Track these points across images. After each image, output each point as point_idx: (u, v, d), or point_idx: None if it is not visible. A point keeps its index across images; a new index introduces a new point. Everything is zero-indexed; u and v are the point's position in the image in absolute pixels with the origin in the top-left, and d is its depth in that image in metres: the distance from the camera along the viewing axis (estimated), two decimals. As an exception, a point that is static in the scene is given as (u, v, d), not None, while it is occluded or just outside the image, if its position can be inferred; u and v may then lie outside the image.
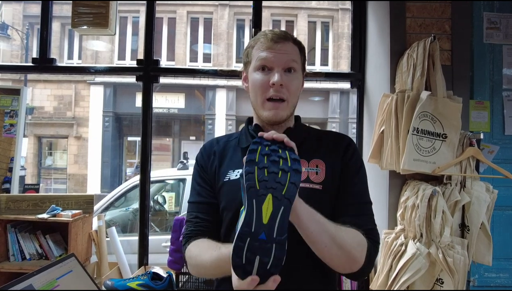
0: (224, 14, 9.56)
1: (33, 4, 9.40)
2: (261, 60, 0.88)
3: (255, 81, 0.90)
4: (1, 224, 1.84)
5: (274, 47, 0.88)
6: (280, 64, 0.87)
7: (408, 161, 1.46)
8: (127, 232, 3.21)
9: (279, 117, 0.89)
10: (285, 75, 0.87)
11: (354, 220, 0.83)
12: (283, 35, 0.90)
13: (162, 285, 1.66)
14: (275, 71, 0.87)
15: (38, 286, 1.06)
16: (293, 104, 0.92)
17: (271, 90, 0.87)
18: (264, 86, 0.88)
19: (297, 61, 0.90)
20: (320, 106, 9.65)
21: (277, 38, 0.88)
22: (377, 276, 1.58)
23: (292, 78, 0.89)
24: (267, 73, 0.88)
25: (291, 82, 0.88)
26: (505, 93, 1.82)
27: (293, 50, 0.90)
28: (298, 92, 0.92)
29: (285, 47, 0.88)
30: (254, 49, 0.91)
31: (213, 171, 0.95)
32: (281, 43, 0.88)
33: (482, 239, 1.49)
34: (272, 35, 0.89)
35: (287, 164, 0.68)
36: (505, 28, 1.83)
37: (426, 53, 1.50)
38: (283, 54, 0.88)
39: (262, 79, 0.88)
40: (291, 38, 0.91)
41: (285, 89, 0.87)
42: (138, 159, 9.93)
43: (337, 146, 0.92)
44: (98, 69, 2.15)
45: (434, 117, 1.50)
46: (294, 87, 0.89)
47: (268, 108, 0.88)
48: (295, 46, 0.91)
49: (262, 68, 0.89)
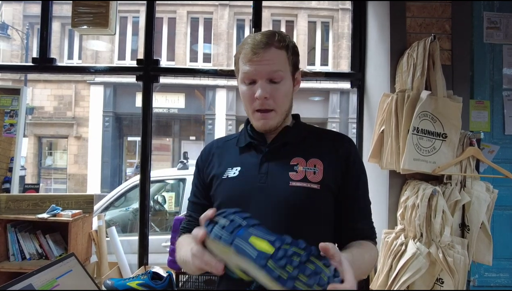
0: (224, 14, 9.57)
1: (33, 4, 9.41)
2: (244, 74, 0.87)
3: (242, 93, 0.90)
4: (1, 223, 1.83)
5: (255, 58, 0.85)
6: (263, 76, 0.85)
7: (408, 160, 1.46)
8: (127, 231, 3.21)
9: (269, 126, 0.89)
10: (269, 85, 0.86)
11: (363, 226, 0.90)
12: (264, 42, 0.85)
13: (162, 285, 1.66)
14: (258, 84, 0.86)
15: (38, 286, 1.06)
16: (283, 110, 0.90)
17: (258, 102, 0.86)
18: (251, 98, 0.87)
19: (281, 69, 0.87)
20: (320, 106, 9.65)
21: (257, 49, 0.84)
22: (377, 276, 1.58)
23: (277, 88, 0.86)
24: (252, 86, 0.87)
25: (276, 92, 0.86)
26: (505, 93, 1.82)
27: (276, 57, 0.86)
28: (287, 98, 0.90)
29: (267, 56, 0.85)
30: (240, 59, 0.89)
31: (210, 171, 0.96)
32: (261, 53, 0.84)
33: (482, 239, 1.49)
34: (252, 45, 0.85)
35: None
36: (505, 28, 1.83)
37: (426, 53, 1.50)
38: (265, 65, 0.85)
39: (248, 92, 0.88)
40: (274, 42, 0.86)
41: (271, 101, 0.86)
42: (138, 158, 9.93)
43: (337, 146, 0.91)
44: (98, 69, 2.15)
45: (434, 117, 1.50)
46: (280, 96, 0.87)
47: (257, 118, 0.89)
48: (280, 50, 0.87)
49: (246, 81, 0.88)
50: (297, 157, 0.88)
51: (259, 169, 0.88)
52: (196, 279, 1.73)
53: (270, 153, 0.90)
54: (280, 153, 0.90)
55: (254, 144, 0.93)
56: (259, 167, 0.88)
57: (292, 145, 0.91)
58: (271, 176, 0.86)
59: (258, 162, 0.89)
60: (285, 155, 0.89)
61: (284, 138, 0.91)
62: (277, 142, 0.91)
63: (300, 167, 0.86)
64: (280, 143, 0.91)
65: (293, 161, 0.87)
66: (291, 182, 0.84)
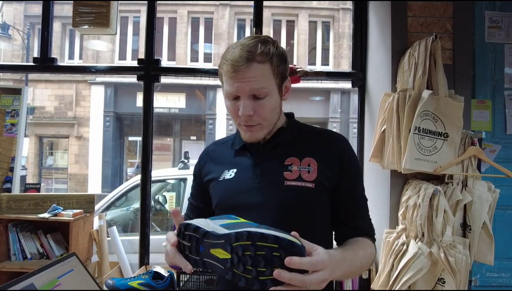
0: (225, 14, 9.57)
1: (34, 4, 9.42)
2: (227, 91, 0.85)
3: (227, 108, 0.89)
4: (3, 223, 1.84)
5: (236, 76, 0.81)
6: (245, 93, 0.82)
7: (410, 160, 1.46)
8: (128, 231, 3.21)
9: (255, 138, 0.89)
10: (253, 102, 0.83)
11: (361, 223, 0.91)
12: (244, 57, 0.80)
13: (163, 285, 1.66)
14: (241, 101, 0.83)
15: (39, 285, 1.06)
16: (271, 123, 0.89)
17: (242, 118, 0.85)
18: (236, 114, 0.86)
19: (265, 85, 0.83)
20: (321, 106, 9.64)
21: (237, 66, 0.80)
22: (379, 275, 1.58)
23: (262, 104, 0.84)
24: (236, 101, 0.85)
25: (260, 108, 0.84)
26: (507, 92, 1.81)
27: (259, 73, 0.82)
28: (274, 111, 0.88)
29: (249, 73, 0.81)
30: (222, 74, 0.86)
31: (208, 174, 0.97)
32: (242, 70, 0.80)
33: (484, 239, 1.48)
34: (232, 62, 0.81)
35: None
36: (507, 27, 1.82)
37: (428, 52, 1.50)
38: (247, 82, 0.81)
39: (232, 108, 0.86)
40: (256, 57, 0.81)
41: (255, 117, 0.84)
42: (138, 158, 9.94)
43: (331, 145, 0.91)
44: (99, 69, 2.15)
45: (435, 116, 1.49)
46: (265, 112, 0.85)
47: (244, 131, 0.89)
48: (263, 64, 0.82)
49: (230, 97, 0.86)
50: (291, 156, 0.88)
51: (254, 169, 0.88)
52: (197, 279, 1.73)
53: (264, 154, 0.90)
54: (274, 153, 0.90)
55: (249, 146, 0.93)
56: (254, 168, 0.89)
57: (286, 145, 0.91)
58: (266, 176, 0.87)
59: (253, 163, 0.90)
60: (280, 155, 0.89)
61: (278, 139, 0.92)
62: (271, 143, 0.92)
63: (294, 167, 0.86)
64: (274, 143, 0.91)
65: (287, 160, 0.87)
66: (286, 182, 0.84)
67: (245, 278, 0.62)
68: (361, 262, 0.82)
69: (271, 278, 0.59)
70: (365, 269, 0.87)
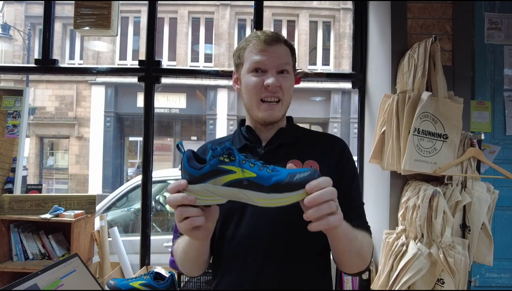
0: (225, 14, 9.57)
1: (34, 5, 9.43)
2: (255, 63, 0.89)
3: (249, 83, 0.90)
4: (4, 224, 1.85)
5: (267, 49, 0.88)
6: (274, 67, 0.88)
7: (409, 161, 1.46)
8: (128, 232, 3.22)
9: (275, 117, 0.91)
10: (279, 76, 0.89)
11: (357, 223, 0.88)
12: (276, 37, 0.90)
13: (165, 285, 1.67)
14: (270, 73, 0.88)
15: (42, 285, 1.07)
16: (287, 104, 0.94)
17: (266, 91, 0.88)
18: (258, 87, 0.89)
19: (289, 63, 0.92)
20: (321, 106, 9.64)
21: (270, 40, 0.89)
22: (378, 276, 1.59)
23: (286, 80, 0.90)
24: (260, 75, 0.89)
25: (285, 83, 0.90)
26: (506, 94, 1.82)
27: (285, 52, 0.91)
28: (291, 92, 0.94)
29: (278, 50, 0.90)
30: (246, 51, 0.91)
31: None
32: (274, 45, 0.89)
33: (483, 239, 1.49)
34: (265, 37, 0.90)
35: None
36: (506, 28, 1.83)
37: (427, 54, 1.50)
38: (277, 56, 0.89)
39: (256, 81, 0.89)
40: (283, 40, 0.92)
41: (279, 90, 0.89)
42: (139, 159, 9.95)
43: (332, 149, 0.93)
44: (100, 70, 2.16)
45: (435, 117, 1.50)
46: (288, 88, 0.91)
47: (264, 109, 0.90)
48: (287, 48, 0.92)
49: (255, 70, 0.90)
50: (293, 158, 0.89)
51: None
52: (198, 280, 1.74)
53: (266, 155, 0.91)
54: (276, 154, 0.91)
55: (250, 146, 0.94)
56: None
57: (288, 147, 0.92)
58: None
59: None
60: (281, 157, 0.90)
61: (279, 140, 0.93)
62: (272, 144, 0.93)
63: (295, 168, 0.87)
64: (276, 145, 0.92)
65: (289, 163, 0.88)
66: None
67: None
68: (361, 241, 0.82)
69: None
70: (364, 253, 0.83)
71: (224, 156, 0.65)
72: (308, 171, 0.65)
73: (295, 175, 0.65)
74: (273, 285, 0.83)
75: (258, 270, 0.84)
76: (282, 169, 0.67)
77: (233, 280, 0.86)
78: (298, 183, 0.64)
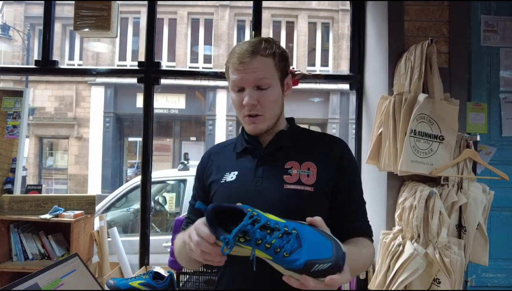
0: (225, 15, 9.59)
1: (34, 5, 9.44)
2: (233, 82, 0.91)
3: (232, 101, 0.94)
4: (4, 224, 1.86)
5: (241, 67, 0.88)
6: (250, 84, 0.89)
7: (406, 162, 1.48)
8: (128, 232, 3.23)
9: (259, 130, 0.93)
10: (257, 92, 0.89)
11: (360, 224, 0.92)
12: (250, 50, 0.88)
13: (164, 285, 1.68)
14: (246, 91, 0.89)
15: (43, 285, 1.08)
16: (273, 115, 0.93)
17: (246, 108, 0.90)
18: (240, 105, 0.91)
19: (268, 76, 0.89)
20: (320, 107, 9.67)
21: (243, 57, 0.88)
22: (375, 276, 1.60)
23: (264, 94, 0.89)
24: (241, 93, 0.91)
25: (263, 98, 0.89)
26: (502, 95, 1.83)
27: (263, 65, 0.89)
28: (276, 103, 0.93)
29: (253, 64, 0.88)
30: (229, 68, 0.93)
31: (209, 177, 0.99)
32: (247, 61, 0.87)
33: (479, 240, 1.51)
34: (239, 55, 0.88)
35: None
36: (502, 31, 1.84)
37: (424, 56, 1.52)
38: (251, 73, 0.88)
39: (237, 99, 0.91)
40: (260, 50, 0.89)
41: (258, 106, 0.89)
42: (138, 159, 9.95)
43: (330, 149, 0.93)
44: (100, 71, 2.17)
45: (431, 119, 1.52)
46: (268, 102, 0.90)
47: (248, 122, 0.92)
48: (266, 58, 0.89)
49: (235, 89, 0.92)
50: (291, 160, 0.90)
51: (255, 172, 0.91)
52: (197, 279, 1.75)
53: (265, 157, 0.93)
54: (274, 156, 0.93)
55: (250, 149, 0.96)
56: (255, 170, 0.91)
57: (287, 149, 0.93)
58: (267, 179, 0.89)
59: (254, 166, 0.92)
60: (280, 159, 0.91)
61: (279, 142, 0.94)
62: (271, 147, 0.94)
63: (294, 170, 0.88)
64: (275, 147, 0.94)
65: (287, 164, 0.90)
66: (286, 185, 0.87)
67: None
68: (364, 260, 0.85)
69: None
70: (366, 268, 0.89)
71: (239, 236, 0.66)
72: (329, 262, 0.61)
73: (314, 264, 0.61)
74: (272, 282, 0.84)
75: (258, 266, 0.85)
76: (300, 251, 0.63)
77: (235, 274, 0.88)
78: (315, 273, 0.61)
